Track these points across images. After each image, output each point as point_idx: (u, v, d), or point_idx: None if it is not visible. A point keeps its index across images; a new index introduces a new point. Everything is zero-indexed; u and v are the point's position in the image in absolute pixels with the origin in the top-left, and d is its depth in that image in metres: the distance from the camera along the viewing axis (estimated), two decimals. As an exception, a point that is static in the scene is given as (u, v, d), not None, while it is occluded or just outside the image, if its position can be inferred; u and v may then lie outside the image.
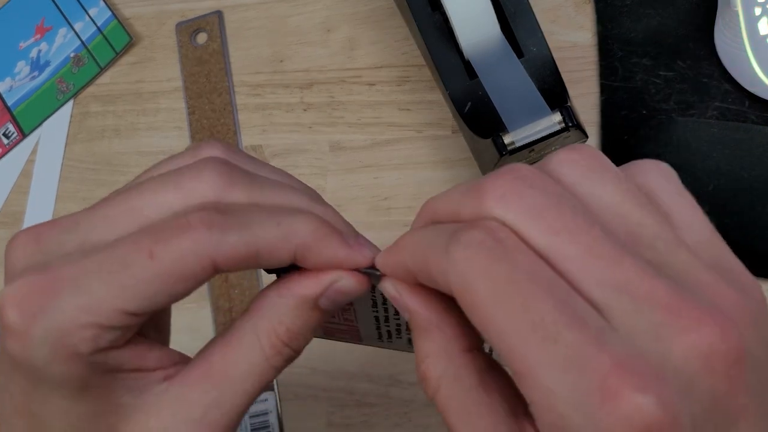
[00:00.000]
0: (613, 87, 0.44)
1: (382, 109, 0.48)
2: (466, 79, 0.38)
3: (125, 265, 0.18)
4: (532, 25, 0.38)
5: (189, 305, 0.46)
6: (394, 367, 0.43)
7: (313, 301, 0.21)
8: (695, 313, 0.14)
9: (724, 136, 0.40)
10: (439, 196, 0.19)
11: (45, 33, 0.56)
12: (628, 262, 0.15)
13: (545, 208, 0.16)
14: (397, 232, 0.49)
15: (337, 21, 0.51)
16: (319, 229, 0.20)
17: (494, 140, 0.36)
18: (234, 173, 0.20)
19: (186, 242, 0.18)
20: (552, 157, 0.18)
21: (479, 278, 0.16)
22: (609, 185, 0.17)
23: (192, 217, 0.19)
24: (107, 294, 0.18)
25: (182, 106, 0.52)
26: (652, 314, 0.15)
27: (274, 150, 0.49)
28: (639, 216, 0.17)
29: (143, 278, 0.18)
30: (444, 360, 0.18)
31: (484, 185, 0.17)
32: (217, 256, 0.19)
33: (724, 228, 0.42)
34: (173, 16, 0.54)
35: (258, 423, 0.43)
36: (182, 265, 0.18)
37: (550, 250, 0.16)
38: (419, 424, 0.42)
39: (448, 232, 0.17)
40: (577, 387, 0.14)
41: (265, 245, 0.19)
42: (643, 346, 0.14)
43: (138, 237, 0.19)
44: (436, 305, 0.19)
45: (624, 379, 0.13)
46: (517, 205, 0.16)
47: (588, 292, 0.15)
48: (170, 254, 0.18)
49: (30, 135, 0.54)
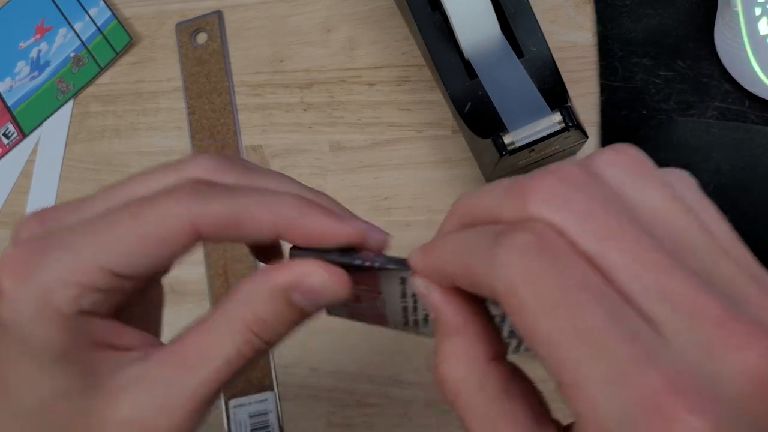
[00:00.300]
0: (613, 87, 0.44)
1: (382, 109, 0.48)
2: (466, 79, 0.38)
3: (110, 225, 0.19)
4: (532, 25, 0.38)
5: (189, 305, 0.46)
6: (395, 368, 0.43)
7: (284, 291, 0.20)
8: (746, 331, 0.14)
9: (724, 136, 0.40)
10: (475, 194, 0.19)
11: (45, 33, 0.56)
12: (679, 274, 0.15)
13: (594, 212, 0.16)
14: (397, 232, 0.49)
15: (337, 21, 0.51)
16: (302, 201, 0.20)
17: (494, 140, 0.36)
18: (226, 163, 0.22)
19: (168, 204, 0.19)
20: (596, 157, 0.17)
21: (527, 283, 0.15)
22: (654, 190, 0.17)
23: (178, 185, 0.20)
24: (90, 252, 0.19)
25: (182, 106, 0.52)
26: (704, 330, 0.14)
27: (274, 150, 0.49)
28: (683, 222, 0.16)
29: (125, 238, 0.19)
30: (465, 364, 0.18)
31: (529, 185, 0.16)
32: (198, 219, 0.19)
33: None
34: (173, 16, 0.54)
35: (258, 423, 0.43)
36: (163, 226, 0.19)
37: (599, 257, 0.15)
38: (419, 424, 0.42)
39: (492, 234, 0.16)
40: (628, 404, 0.13)
41: (246, 213, 0.20)
42: (695, 362, 0.14)
43: (127, 204, 0.20)
44: (464, 309, 0.19)
45: (678, 400, 0.13)
46: (565, 208, 0.16)
47: (637, 302, 0.15)
48: (152, 215, 0.19)
49: (30, 135, 0.54)
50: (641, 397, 0.13)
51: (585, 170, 0.17)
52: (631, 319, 0.14)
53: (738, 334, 0.14)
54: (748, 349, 0.14)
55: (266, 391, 0.44)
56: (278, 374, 0.44)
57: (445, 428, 0.41)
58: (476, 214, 0.18)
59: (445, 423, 0.41)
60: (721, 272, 0.16)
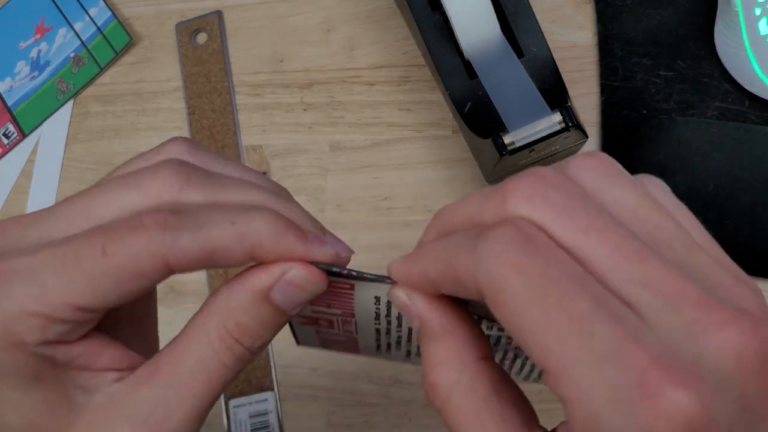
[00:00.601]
0: (613, 87, 0.44)
1: (382, 109, 0.48)
2: (466, 79, 0.38)
3: (77, 259, 0.19)
4: (532, 25, 0.38)
5: (189, 305, 0.46)
6: (395, 368, 0.43)
7: (264, 293, 0.20)
8: (726, 312, 0.14)
9: (724, 136, 0.40)
10: (453, 204, 0.19)
11: (45, 33, 0.56)
12: (657, 261, 0.15)
13: (572, 208, 0.16)
14: (397, 232, 0.49)
15: (337, 21, 0.51)
16: (274, 225, 0.20)
17: (494, 140, 0.36)
18: (192, 174, 0.20)
19: (139, 241, 0.19)
20: (569, 162, 0.18)
21: (511, 274, 0.15)
22: (627, 190, 0.17)
23: (146, 217, 0.19)
24: (58, 286, 0.18)
25: (182, 106, 0.52)
26: (685, 312, 0.15)
27: (274, 150, 0.49)
28: (657, 219, 0.17)
29: (94, 274, 0.19)
30: (456, 367, 0.18)
31: (506, 187, 0.17)
32: (170, 256, 0.19)
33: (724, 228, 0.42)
34: (173, 16, 0.54)
35: (258, 423, 0.43)
36: (135, 264, 0.19)
37: (580, 249, 0.16)
38: (419, 424, 0.42)
39: (473, 234, 0.17)
40: (616, 383, 0.14)
41: (219, 245, 0.19)
42: (677, 343, 0.14)
43: (92, 233, 0.19)
44: (448, 311, 0.19)
45: (664, 376, 0.13)
46: (543, 205, 0.16)
47: (618, 290, 0.15)
48: (123, 252, 0.19)
49: (30, 135, 0.54)
50: (629, 376, 0.14)
51: (561, 172, 0.17)
52: (614, 304, 0.15)
53: (718, 314, 0.14)
54: (728, 328, 0.14)
55: (266, 391, 0.44)
56: (278, 374, 0.44)
57: (445, 428, 0.41)
58: (456, 221, 0.19)
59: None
60: (697, 264, 0.16)
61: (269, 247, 0.19)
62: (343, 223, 0.45)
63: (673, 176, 0.40)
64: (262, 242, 0.19)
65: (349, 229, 0.45)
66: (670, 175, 0.40)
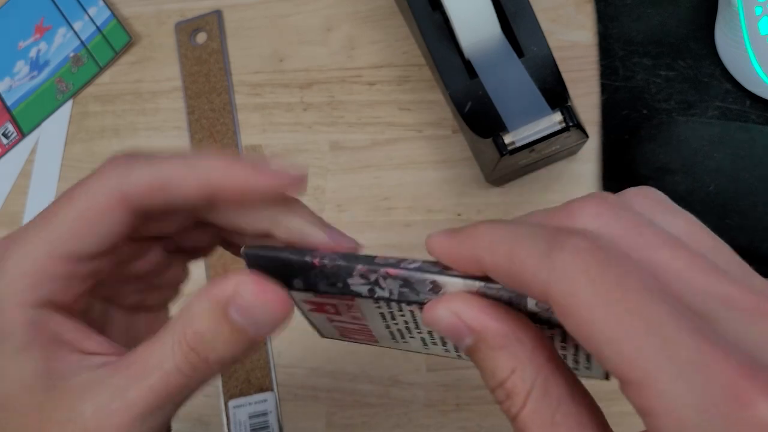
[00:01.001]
0: (613, 86, 0.44)
1: (382, 108, 0.48)
2: (467, 79, 0.38)
3: (52, 213, 0.21)
4: (533, 24, 0.38)
5: (188, 305, 0.46)
6: (395, 368, 0.42)
7: (221, 306, 0.19)
8: None
9: (724, 136, 0.40)
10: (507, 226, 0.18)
11: (44, 33, 0.56)
12: (727, 278, 0.16)
13: (641, 226, 0.17)
14: (397, 232, 0.49)
15: (337, 20, 0.51)
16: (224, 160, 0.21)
17: (494, 140, 0.36)
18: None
19: (98, 181, 0.21)
20: (623, 193, 0.19)
21: (589, 284, 0.15)
22: (679, 217, 0.18)
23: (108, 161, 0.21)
24: (39, 243, 0.20)
25: (182, 105, 0.51)
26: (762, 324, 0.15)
27: (274, 150, 0.49)
28: (712, 242, 0.18)
29: (64, 221, 0.21)
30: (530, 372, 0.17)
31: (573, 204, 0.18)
32: (125, 189, 0.21)
33: (725, 228, 0.42)
34: (173, 16, 0.54)
35: (258, 423, 0.43)
36: (94, 203, 0.21)
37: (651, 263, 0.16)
38: (419, 424, 0.41)
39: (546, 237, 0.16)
40: (706, 392, 0.14)
41: (170, 176, 0.21)
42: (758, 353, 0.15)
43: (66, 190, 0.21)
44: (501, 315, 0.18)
45: (755, 385, 0.13)
46: (613, 223, 0.17)
47: (692, 303, 0.16)
48: (84, 194, 0.21)
49: (29, 135, 0.54)
50: (720, 385, 0.14)
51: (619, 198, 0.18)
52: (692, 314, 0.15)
53: None
54: None
55: (266, 391, 0.44)
56: (278, 374, 0.44)
57: (445, 428, 0.41)
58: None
59: (445, 423, 0.41)
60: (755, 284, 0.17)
61: (221, 178, 0.21)
62: (343, 223, 0.45)
63: (674, 176, 0.39)
64: (213, 173, 0.21)
65: (349, 229, 0.45)
66: (670, 175, 0.40)
